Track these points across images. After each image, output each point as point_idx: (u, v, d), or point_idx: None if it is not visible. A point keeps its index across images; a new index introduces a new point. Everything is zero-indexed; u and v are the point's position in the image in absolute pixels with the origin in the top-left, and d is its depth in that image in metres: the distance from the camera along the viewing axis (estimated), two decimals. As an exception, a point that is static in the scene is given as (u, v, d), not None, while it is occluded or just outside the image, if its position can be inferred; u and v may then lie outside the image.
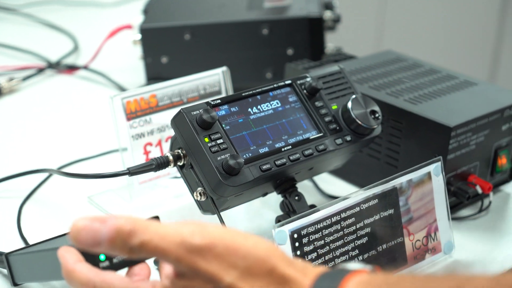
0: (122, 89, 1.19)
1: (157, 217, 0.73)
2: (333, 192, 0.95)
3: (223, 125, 0.76)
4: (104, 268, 0.60)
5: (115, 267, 0.61)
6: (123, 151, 0.89)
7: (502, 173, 1.00)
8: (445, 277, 0.56)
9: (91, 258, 0.59)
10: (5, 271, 0.76)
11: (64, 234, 0.72)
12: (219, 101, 0.78)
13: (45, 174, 0.96)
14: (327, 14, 1.14)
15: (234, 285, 0.53)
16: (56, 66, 1.25)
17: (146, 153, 0.92)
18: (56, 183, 0.96)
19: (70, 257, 0.58)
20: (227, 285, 0.53)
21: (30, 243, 0.81)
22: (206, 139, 0.74)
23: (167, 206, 0.93)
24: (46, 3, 1.58)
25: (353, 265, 0.57)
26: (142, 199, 0.92)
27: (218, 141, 0.75)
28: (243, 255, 0.54)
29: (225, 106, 0.78)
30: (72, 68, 1.26)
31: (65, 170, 0.98)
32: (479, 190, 0.92)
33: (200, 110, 0.75)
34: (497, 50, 3.11)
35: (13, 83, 1.18)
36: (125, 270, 0.65)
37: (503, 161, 0.97)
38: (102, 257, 0.60)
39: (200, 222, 0.56)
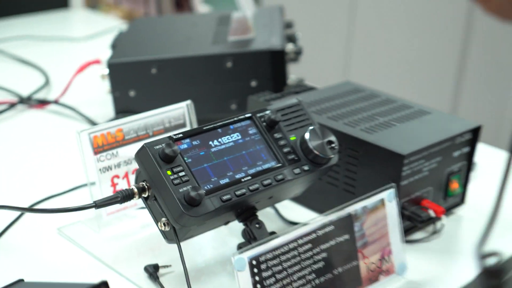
0: (92, 122, 1.19)
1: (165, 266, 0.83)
2: (294, 218, 0.96)
3: (185, 158, 0.77)
4: None
5: None
6: (91, 185, 0.89)
7: (454, 197, 1.02)
8: None
9: None
10: None
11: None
12: (181, 135, 0.78)
13: (16, 213, 0.95)
14: (289, 47, 1.15)
15: None
16: (27, 101, 1.25)
17: (114, 185, 0.92)
18: (27, 219, 0.95)
19: None
20: None
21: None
22: (169, 172, 0.74)
23: (135, 236, 0.94)
24: (16, 39, 1.58)
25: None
26: (111, 230, 0.92)
27: (180, 174, 0.75)
28: None
29: (187, 140, 0.78)
30: (43, 103, 1.26)
31: (36, 207, 0.98)
32: (432, 214, 0.93)
33: (163, 145, 0.75)
34: (458, 83, 3.14)
35: None
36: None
37: (455, 185, 0.98)
38: None
39: None
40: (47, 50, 1.52)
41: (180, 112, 0.99)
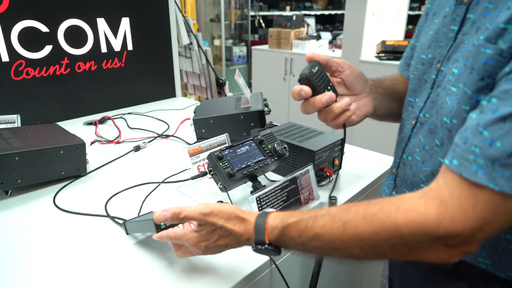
0: (187, 143, 1.15)
1: (221, 201, 0.74)
2: (272, 178, 0.92)
3: (227, 157, 0.74)
4: (165, 228, 0.58)
5: (168, 227, 0.57)
6: (189, 169, 0.85)
7: (336, 166, 0.94)
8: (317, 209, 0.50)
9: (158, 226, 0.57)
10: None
11: (150, 212, 0.69)
12: (224, 148, 0.76)
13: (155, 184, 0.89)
14: (266, 108, 1.12)
15: (223, 225, 0.51)
16: (160, 135, 1.20)
17: (198, 170, 0.86)
18: (162, 186, 0.89)
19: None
20: (220, 226, 0.51)
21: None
22: (220, 163, 0.73)
23: (208, 189, 0.87)
24: (154, 111, 1.49)
25: (270, 209, 0.54)
26: (197, 189, 0.87)
27: (225, 164, 0.73)
28: (224, 212, 0.52)
29: (227, 150, 0.75)
30: (167, 136, 1.21)
31: (167, 180, 0.91)
32: (328, 174, 0.89)
33: (217, 152, 0.74)
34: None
35: (142, 146, 1.12)
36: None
37: (336, 161, 0.93)
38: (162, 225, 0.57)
39: (208, 204, 0.53)
40: (168, 114, 1.43)
41: (223, 138, 0.92)
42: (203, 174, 0.78)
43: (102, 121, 1.33)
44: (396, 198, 0.46)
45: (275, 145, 0.81)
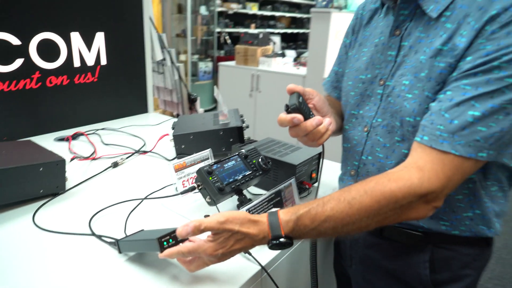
0: (166, 159, 1.14)
1: (208, 215, 0.72)
2: (254, 192, 0.94)
3: (216, 172, 0.76)
4: (169, 246, 0.59)
5: (171, 246, 0.59)
6: (174, 184, 0.88)
7: (313, 179, 0.99)
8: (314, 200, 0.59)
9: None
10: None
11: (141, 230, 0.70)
12: (213, 163, 0.78)
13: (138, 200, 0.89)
14: (244, 124, 1.14)
15: (239, 229, 0.55)
16: (138, 151, 1.19)
17: (183, 185, 0.88)
18: (146, 202, 0.88)
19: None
20: (237, 230, 0.55)
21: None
22: (210, 178, 0.74)
23: (192, 204, 0.88)
24: (128, 127, 1.47)
25: (274, 209, 0.60)
26: (183, 202, 0.87)
27: (215, 178, 0.75)
28: (238, 218, 0.56)
29: (216, 165, 0.77)
30: (145, 152, 1.19)
31: (150, 196, 0.91)
32: (307, 186, 0.93)
33: (207, 167, 0.75)
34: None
35: (120, 162, 1.10)
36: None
37: (313, 175, 0.97)
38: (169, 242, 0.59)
39: (221, 212, 0.57)
40: (143, 130, 1.42)
41: (206, 154, 0.94)
42: (192, 188, 0.79)
43: (74, 137, 1.30)
44: (385, 173, 0.58)
45: (260, 160, 0.84)
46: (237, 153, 0.84)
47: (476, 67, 0.54)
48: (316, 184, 1.01)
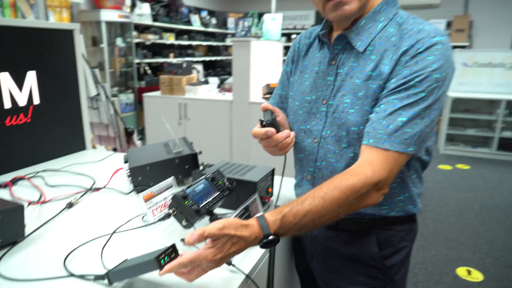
0: (123, 193, 1.13)
1: (183, 239, 0.76)
2: (221, 212, 0.98)
3: (190, 196, 0.80)
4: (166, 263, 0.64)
5: (168, 262, 0.64)
6: (143, 214, 0.90)
7: (270, 194, 1.06)
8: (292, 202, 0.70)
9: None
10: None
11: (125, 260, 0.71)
12: (186, 188, 0.81)
13: (109, 233, 0.92)
14: (196, 152, 1.17)
15: (235, 233, 0.64)
16: (90, 190, 1.15)
17: (153, 214, 0.90)
18: (116, 236, 0.88)
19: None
20: (233, 234, 0.63)
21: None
22: (186, 202, 0.78)
23: (164, 231, 0.90)
24: (70, 166, 1.40)
25: (262, 213, 0.70)
26: (154, 231, 0.90)
27: (190, 202, 0.79)
28: (232, 223, 0.65)
29: (189, 189, 0.81)
30: (98, 189, 1.16)
31: (121, 229, 0.91)
32: (267, 201, 1.02)
33: (181, 192, 0.80)
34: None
35: (75, 201, 1.06)
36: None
37: (269, 190, 1.05)
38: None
39: (218, 220, 0.66)
40: (87, 167, 1.37)
41: (170, 182, 0.98)
42: (168, 215, 0.84)
43: (14, 182, 1.21)
44: (346, 171, 0.73)
45: (225, 181, 0.91)
46: (204, 177, 0.90)
47: (399, 87, 0.72)
48: (273, 198, 1.11)
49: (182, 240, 0.85)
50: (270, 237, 0.65)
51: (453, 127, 4.80)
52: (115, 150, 1.91)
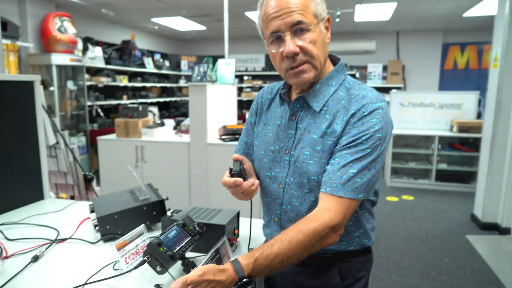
0: (90, 242, 1.12)
1: (158, 284, 0.84)
2: (191, 255, 1.01)
3: (164, 242, 0.84)
4: None
5: None
6: (118, 262, 0.91)
7: (237, 235, 1.12)
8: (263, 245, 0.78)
9: None
10: None
11: None
12: (160, 236, 0.86)
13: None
14: (163, 198, 1.20)
15: (213, 278, 0.71)
16: (55, 241, 1.12)
17: (126, 262, 0.93)
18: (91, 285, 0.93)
19: None
20: (212, 279, 0.70)
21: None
22: (161, 249, 0.83)
23: (138, 279, 0.93)
24: (30, 217, 1.35)
25: (236, 257, 0.76)
26: (126, 280, 0.92)
27: (165, 249, 0.83)
28: (210, 269, 0.72)
29: (162, 236, 0.85)
30: (64, 240, 1.14)
31: (94, 278, 0.91)
32: (234, 242, 1.07)
33: (156, 240, 0.84)
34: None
35: (40, 254, 1.05)
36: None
37: (236, 231, 1.11)
38: None
39: (197, 267, 0.72)
40: (48, 218, 1.33)
41: (141, 229, 1.01)
42: (143, 262, 0.86)
43: (-31, 238, 1.17)
44: (307, 216, 0.82)
45: (195, 226, 0.96)
46: (176, 224, 0.94)
47: (349, 143, 0.84)
48: (239, 239, 1.17)
49: (156, 285, 0.90)
50: (244, 280, 0.73)
51: (397, 161, 5.21)
52: (72, 198, 1.87)
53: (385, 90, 7.23)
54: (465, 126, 4.71)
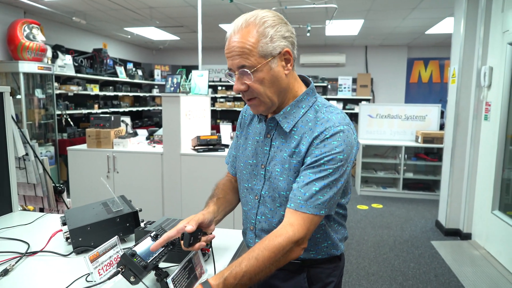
0: (62, 255, 1.11)
1: None
2: (164, 265, 1.01)
3: (138, 253, 0.86)
4: None
5: None
6: (89, 274, 0.91)
7: (209, 245, 1.05)
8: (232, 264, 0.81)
9: None
10: None
11: None
12: (134, 247, 0.88)
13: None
14: (136, 210, 1.21)
15: None
16: (25, 254, 1.10)
17: (99, 273, 0.93)
18: None
19: None
20: None
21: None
22: (135, 259, 0.85)
23: (113, 285, 0.94)
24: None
25: (206, 279, 0.77)
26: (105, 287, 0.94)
27: (138, 259, 0.85)
28: None
29: (136, 247, 0.87)
30: (34, 253, 1.12)
31: None
32: (206, 252, 1.07)
33: (129, 251, 0.86)
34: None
35: (10, 268, 1.03)
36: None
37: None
38: None
39: None
40: (17, 231, 1.31)
41: (114, 241, 1.01)
42: (116, 273, 0.88)
43: None
44: (272, 232, 0.86)
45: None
46: (149, 235, 0.95)
47: (313, 163, 0.89)
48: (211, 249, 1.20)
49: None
50: None
51: (366, 170, 5.39)
52: (41, 210, 1.84)
53: (354, 102, 7.51)
54: (429, 137, 4.97)
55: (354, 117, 7.20)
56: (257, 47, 0.86)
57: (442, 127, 5.29)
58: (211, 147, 3.35)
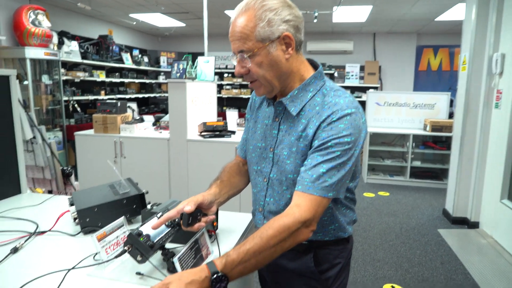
0: (71, 235, 1.13)
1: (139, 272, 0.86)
2: (172, 246, 1.00)
3: (144, 234, 0.87)
4: None
5: None
6: (97, 253, 0.93)
7: (216, 227, 1.12)
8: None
9: None
10: None
11: None
12: (141, 227, 0.89)
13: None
14: (143, 192, 1.22)
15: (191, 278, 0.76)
16: (34, 234, 1.12)
17: (106, 252, 0.94)
18: (74, 272, 0.92)
19: None
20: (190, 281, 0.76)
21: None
22: (141, 238, 0.86)
23: (120, 267, 0.94)
24: (11, 210, 1.34)
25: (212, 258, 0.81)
26: (108, 268, 0.93)
27: (145, 239, 0.86)
28: (179, 277, 0.76)
29: (143, 227, 0.89)
30: (43, 232, 1.14)
31: (80, 265, 0.93)
32: (212, 233, 1.08)
33: (136, 231, 0.87)
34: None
35: (19, 246, 1.05)
36: None
37: (214, 224, 1.11)
38: None
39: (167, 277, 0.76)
40: (26, 212, 1.33)
41: (121, 221, 1.01)
42: (123, 252, 0.89)
43: None
44: (279, 214, 0.86)
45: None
46: (155, 215, 0.96)
47: (320, 146, 0.89)
48: (218, 231, 1.20)
49: (138, 273, 0.93)
50: (218, 274, 0.77)
51: (373, 158, 5.36)
52: (50, 192, 1.86)
53: (362, 90, 7.43)
54: (437, 126, 4.91)
55: (361, 105, 7.09)
56: (254, 31, 0.86)
57: (451, 115, 5.22)
58: (218, 133, 3.35)
